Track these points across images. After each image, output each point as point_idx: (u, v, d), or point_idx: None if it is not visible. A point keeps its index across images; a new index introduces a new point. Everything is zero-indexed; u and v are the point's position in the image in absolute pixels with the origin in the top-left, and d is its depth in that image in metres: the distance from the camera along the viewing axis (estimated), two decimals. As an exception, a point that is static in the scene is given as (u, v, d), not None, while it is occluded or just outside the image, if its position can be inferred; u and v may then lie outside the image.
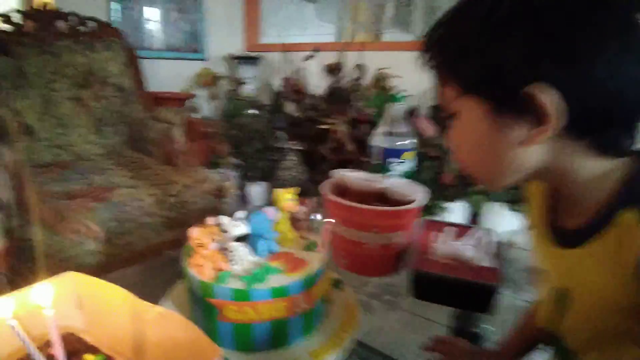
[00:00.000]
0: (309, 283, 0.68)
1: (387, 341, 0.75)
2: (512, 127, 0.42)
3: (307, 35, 3.00)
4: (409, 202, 0.92)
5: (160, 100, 2.10)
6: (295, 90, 2.69)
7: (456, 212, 2.03)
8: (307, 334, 0.72)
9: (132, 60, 2.03)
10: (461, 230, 1.00)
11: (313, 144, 2.53)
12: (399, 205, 0.92)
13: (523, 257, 1.06)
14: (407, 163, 1.10)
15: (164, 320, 0.56)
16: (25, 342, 0.54)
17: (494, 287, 0.83)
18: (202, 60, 2.80)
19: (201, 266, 0.65)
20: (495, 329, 0.79)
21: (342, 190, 0.99)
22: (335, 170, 1.05)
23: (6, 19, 1.79)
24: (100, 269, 1.24)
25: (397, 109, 1.10)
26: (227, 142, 2.52)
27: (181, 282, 0.80)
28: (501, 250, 0.95)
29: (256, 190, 2.59)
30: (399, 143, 1.08)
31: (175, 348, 0.54)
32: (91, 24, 2.00)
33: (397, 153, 1.08)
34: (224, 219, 0.68)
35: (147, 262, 0.95)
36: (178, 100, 2.31)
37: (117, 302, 0.59)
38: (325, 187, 0.99)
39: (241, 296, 0.63)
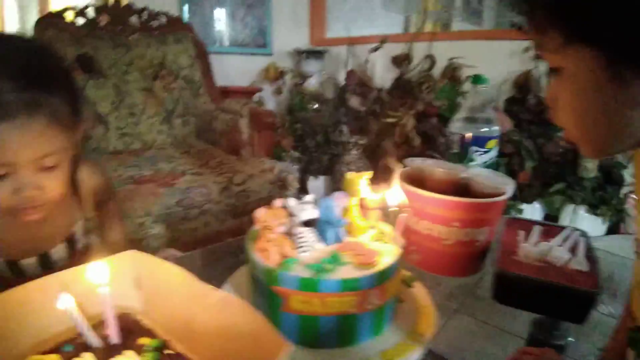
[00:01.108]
0: (382, 278, 0.62)
1: (456, 348, 0.67)
2: (632, 83, 0.36)
3: (374, 27, 2.92)
4: (495, 195, 0.83)
5: (228, 94, 2.13)
6: (360, 83, 2.63)
7: (530, 214, 1.87)
8: (377, 333, 0.65)
9: (201, 54, 2.06)
10: (550, 230, 0.89)
11: (377, 139, 2.46)
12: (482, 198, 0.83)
13: (612, 264, 0.92)
14: (491, 152, 1.00)
15: (227, 306, 0.52)
16: (77, 320, 0.52)
17: (594, 294, 0.72)
18: (268, 55, 2.80)
19: (266, 251, 0.61)
20: (578, 341, 0.68)
21: (418, 180, 0.91)
22: (410, 158, 0.97)
23: (82, 13, 1.88)
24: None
25: (481, 91, 1.00)
26: (290, 136, 2.51)
27: (243, 269, 0.77)
28: (595, 254, 0.83)
29: (316, 184, 2.55)
30: (484, 130, 0.98)
31: (237, 337, 0.49)
32: (162, 18, 2.06)
33: (480, 141, 0.97)
34: (292, 202, 0.63)
35: (209, 248, 0.92)
36: (245, 94, 2.34)
37: (177, 284, 0.56)
38: (399, 176, 0.92)
39: (309, 286, 0.58)
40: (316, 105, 2.57)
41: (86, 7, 1.89)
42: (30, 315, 0.53)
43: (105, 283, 0.52)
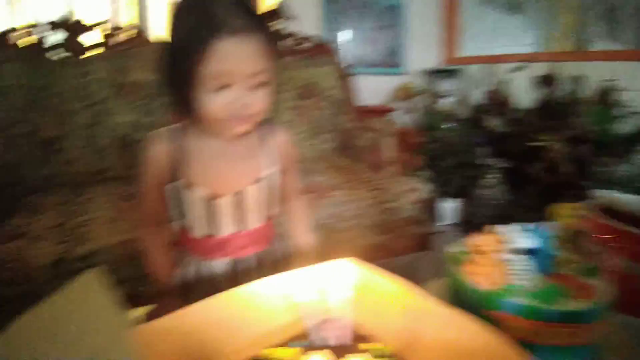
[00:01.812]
0: (598, 313, 0.58)
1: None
2: None
3: (510, 46, 2.81)
4: None
5: (365, 112, 2.18)
6: (499, 103, 2.53)
7: None
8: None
9: (345, 76, 2.15)
10: None
11: (519, 163, 2.33)
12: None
13: None
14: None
15: (456, 322, 0.53)
16: (307, 318, 0.57)
17: None
18: (400, 74, 2.83)
19: (480, 275, 0.61)
20: None
21: (611, 214, 0.84)
22: (598, 190, 0.90)
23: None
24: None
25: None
26: (422, 156, 2.50)
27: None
28: None
29: (448, 207, 2.49)
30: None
31: (470, 354, 0.50)
32: (307, 43, 2.20)
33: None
34: (508, 229, 0.62)
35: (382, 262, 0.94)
36: (379, 112, 2.37)
37: (398, 294, 0.59)
38: (591, 209, 0.86)
39: (530, 313, 0.57)
40: (450, 125, 2.52)
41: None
42: (263, 309, 0.59)
43: (329, 287, 0.56)
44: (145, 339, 0.50)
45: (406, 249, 1.59)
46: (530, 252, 0.64)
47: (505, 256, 0.62)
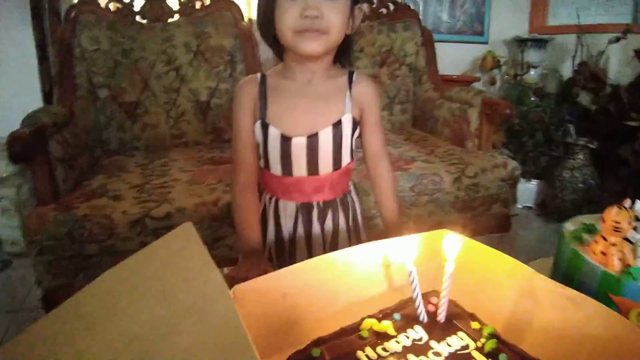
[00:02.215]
0: None
1: None
2: None
3: (606, 15, 2.53)
4: None
5: (445, 82, 2.06)
6: (593, 77, 2.29)
7: None
8: None
9: (427, 42, 2.03)
10: None
11: (610, 144, 2.11)
12: None
13: None
14: None
15: (577, 305, 0.46)
16: (415, 290, 0.52)
17: None
18: (484, 43, 2.65)
19: (604, 255, 0.53)
20: None
21: None
22: None
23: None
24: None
25: None
26: (501, 132, 2.33)
27: (539, 263, 0.70)
28: None
29: (527, 188, 2.33)
30: None
31: (594, 340, 0.44)
32: (391, 5, 2.08)
33: None
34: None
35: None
36: (462, 83, 2.23)
37: (503, 272, 0.53)
38: None
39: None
40: (536, 99, 2.33)
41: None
42: (356, 276, 0.55)
43: (451, 259, 0.51)
44: (238, 298, 0.48)
45: (486, 229, 1.49)
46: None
47: (636, 236, 0.54)
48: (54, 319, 0.53)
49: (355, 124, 0.77)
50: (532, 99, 2.35)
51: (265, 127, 0.74)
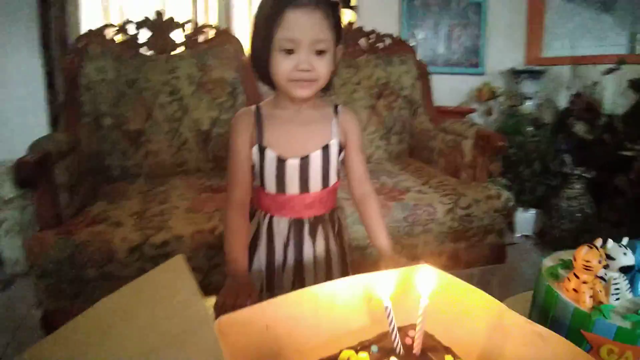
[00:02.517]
0: None
1: None
2: None
3: (600, 47, 2.60)
4: None
5: (441, 113, 2.11)
6: (588, 108, 2.33)
7: None
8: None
9: (423, 75, 2.09)
10: None
11: (606, 173, 2.14)
12: None
13: None
14: None
15: (545, 342, 0.48)
16: (391, 323, 0.54)
17: None
18: (480, 74, 2.71)
19: (576, 292, 0.55)
20: None
21: None
22: None
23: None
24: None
25: None
26: (498, 161, 2.36)
27: (512, 301, 0.72)
28: None
29: (525, 217, 2.34)
30: None
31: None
32: (388, 40, 2.15)
33: None
34: (611, 244, 0.56)
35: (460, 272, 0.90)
36: (458, 114, 2.28)
37: (479, 308, 0.55)
38: None
39: (627, 337, 0.51)
40: (532, 129, 2.37)
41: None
42: (337, 309, 0.58)
43: (425, 295, 0.53)
44: (222, 329, 0.50)
45: (480, 260, 1.51)
46: (630, 270, 0.58)
47: (609, 274, 0.56)
48: (52, 343, 0.56)
49: (341, 148, 0.86)
50: (529, 129, 2.39)
51: (262, 151, 0.82)
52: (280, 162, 0.82)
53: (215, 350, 0.44)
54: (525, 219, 2.36)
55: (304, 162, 0.83)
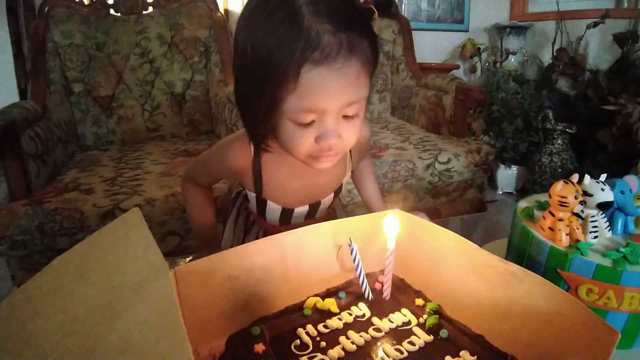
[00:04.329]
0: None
1: None
2: None
3: (587, 1, 2.54)
4: None
5: (424, 70, 2.06)
6: (570, 63, 2.30)
7: None
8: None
9: (405, 30, 2.03)
10: None
11: (588, 129, 2.13)
12: None
13: None
14: None
15: (520, 281, 0.46)
16: (358, 269, 0.52)
17: None
18: (464, 31, 2.65)
19: (552, 230, 0.53)
20: None
21: None
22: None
23: None
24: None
25: None
26: (481, 119, 2.34)
27: (495, 244, 0.71)
28: None
29: (508, 174, 2.35)
30: None
31: (538, 316, 0.44)
32: (368, -6, 2.07)
33: None
34: (588, 180, 0.54)
35: (442, 220, 0.88)
36: (441, 70, 2.24)
37: (452, 249, 0.53)
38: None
39: (608, 276, 0.49)
40: (516, 86, 2.34)
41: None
42: (305, 257, 0.55)
43: (391, 237, 0.51)
44: (185, 279, 0.48)
45: (460, 215, 1.50)
46: (608, 207, 0.56)
47: (586, 211, 0.54)
48: (7, 306, 0.53)
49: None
50: (512, 85, 2.36)
51: (261, 200, 0.68)
52: (286, 211, 0.69)
53: (170, 300, 0.42)
54: (508, 176, 2.36)
55: (314, 206, 0.70)
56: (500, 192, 2.37)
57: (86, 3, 1.76)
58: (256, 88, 0.51)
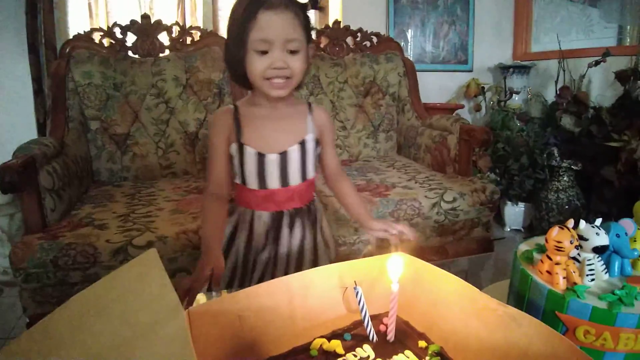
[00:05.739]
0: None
1: None
2: None
3: (586, 40, 2.61)
4: None
5: (429, 110, 2.11)
6: (575, 101, 2.34)
7: None
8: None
9: (410, 72, 2.09)
10: None
11: (594, 165, 2.15)
12: None
13: None
14: None
15: (518, 324, 0.48)
16: (363, 311, 0.54)
17: None
18: (468, 71, 2.72)
19: (550, 274, 0.55)
20: None
21: None
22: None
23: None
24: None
25: None
26: (487, 156, 2.36)
27: (494, 287, 0.72)
28: None
29: (514, 211, 2.35)
30: None
31: (533, 357, 0.46)
32: (374, 38, 2.16)
33: None
34: (584, 225, 0.56)
35: (442, 262, 0.90)
36: (446, 110, 2.29)
37: (454, 293, 0.55)
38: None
39: (604, 318, 0.51)
40: (521, 124, 2.38)
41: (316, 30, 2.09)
42: (312, 299, 0.58)
43: (396, 280, 0.53)
44: (193, 320, 0.50)
45: (467, 253, 1.51)
46: (603, 251, 0.58)
47: (583, 254, 0.56)
48: (26, 341, 0.55)
49: (317, 143, 0.91)
50: (517, 123, 2.40)
51: (241, 148, 0.85)
52: (260, 157, 0.85)
53: (184, 341, 0.44)
54: (515, 213, 2.37)
55: (283, 156, 0.86)
56: (508, 230, 2.37)
57: (106, 45, 1.85)
58: (235, 34, 0.78)
